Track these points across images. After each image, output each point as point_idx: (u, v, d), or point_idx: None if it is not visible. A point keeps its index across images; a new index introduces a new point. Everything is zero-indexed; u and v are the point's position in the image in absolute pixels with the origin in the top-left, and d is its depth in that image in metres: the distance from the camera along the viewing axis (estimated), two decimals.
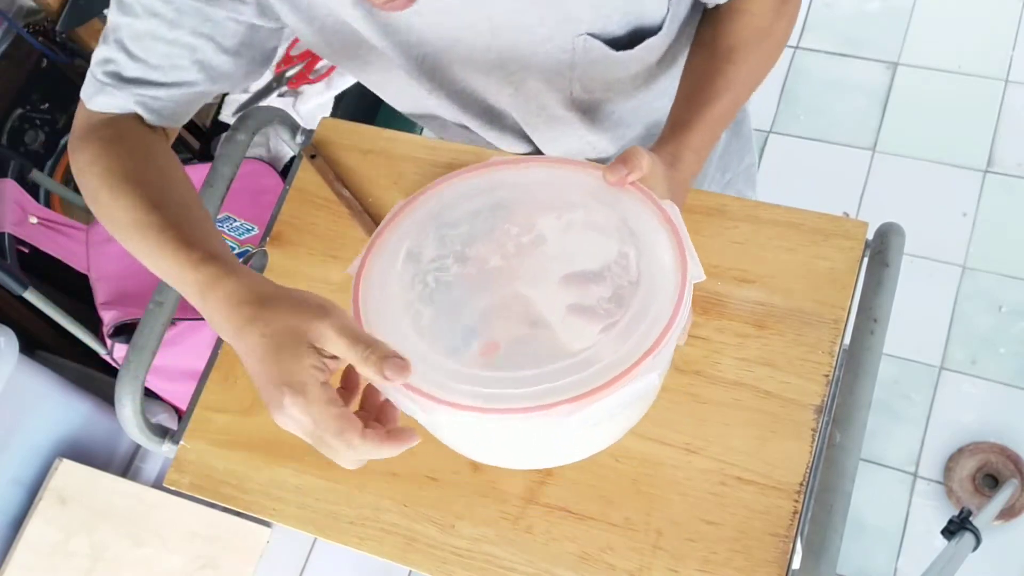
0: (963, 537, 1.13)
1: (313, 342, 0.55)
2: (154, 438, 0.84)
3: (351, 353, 0.54)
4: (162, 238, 0.65)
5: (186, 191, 0.72)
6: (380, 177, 0.92)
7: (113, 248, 1.63)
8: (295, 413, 0.54)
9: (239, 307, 0.58)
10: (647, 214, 0.63)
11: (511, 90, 0.82)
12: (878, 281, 0.76)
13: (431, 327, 0.60)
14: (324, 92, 1.64)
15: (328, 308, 0.56)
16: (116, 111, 0.76)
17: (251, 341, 0.56)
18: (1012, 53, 2.13)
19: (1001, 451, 1.73)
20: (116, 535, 1.65)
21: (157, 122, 0.77)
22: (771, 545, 0.70)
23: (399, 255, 0.64)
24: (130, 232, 0.68)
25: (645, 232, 0.62)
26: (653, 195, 0.64)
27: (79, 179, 0.75)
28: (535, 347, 0.60)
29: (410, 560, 0.76)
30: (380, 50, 0.77)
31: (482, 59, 0.78)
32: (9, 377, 1.47)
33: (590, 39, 0.74)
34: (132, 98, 0.75)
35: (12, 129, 1.69)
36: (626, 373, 0.55)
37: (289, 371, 0.54)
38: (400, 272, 0.63)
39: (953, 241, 1.95)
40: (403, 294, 0.62)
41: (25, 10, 1.73)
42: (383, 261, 0.64)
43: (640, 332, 0.57)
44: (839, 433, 0.70)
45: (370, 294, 0.62)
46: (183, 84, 0.75)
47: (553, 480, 0.76)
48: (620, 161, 0.64)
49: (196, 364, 1.28)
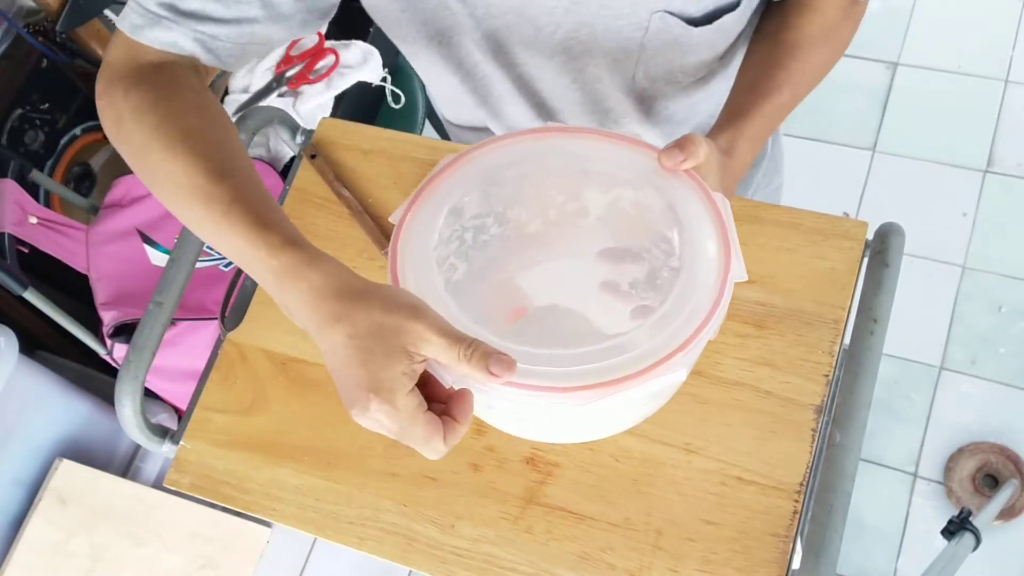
0: (963, 537, 1.13)
1: (407, 346, 0.52)
2: (154, 438, 0.84)
3: (450, 352, 0.52)
4: (232, 213, 0.60)
5: (248, 162, 0.66)
6: (380, 177, 0.92)
7: (113, 248, 1.64)
8: (381, 418, 0.53)
9: (323, 301, 0.55)
10: (697, 203, 0.62)
11: (568, 80, 0.81)
12: (878, 281, 0.76)
13: (462, 283, 0.59)
14: (324, 92, 1.64)
15: (421, 308, 0.54)
16: (170, 49, 0.69)
17: (336, 341, 0.54)
18: (1012, 53, 2.13)
19: (1001, 451, 1.73)
20: (116, 535, 1.65)
21: (214, 64, 0.71)
22: (771, 545, 0.70)
23: (442, 208, 0.63)
24: (188, 199, 0.63)
25: (692, 221, 0.61)
26: (705, 185, 0.63)
27: (118, 125, 0.68)
28: (563, 320, 0.59)
29: (410, 560, 0.76)
30: (455, 21, 0.76)
31: (547, 40, 0.77)
32: (9, 377, 1.47)
33: (667, 16, 0.74)
34: (191, 35, 0.68)
35: (12, 129, 1.69)
36: (657, 365, 0.55)
37: (378, 378, 0.52)
38: (440, 225, 0.62)
39: (953, 241, 1.95)
40: (441, 247, 0.61)
41: (25, 10, 1.73)
42: (426, 212, 0.62)
43: (676, 325, 0.56)
44: (839, 433, 0.70)
45: (408, 244, 0.60)
46: (244, 21, 0.69)
47: (553, 480, 0.76)
48: (676, 146, 0.63)
49: (196, 364, 1.28)
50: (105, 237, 1.65)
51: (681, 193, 0.63)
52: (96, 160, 1.87)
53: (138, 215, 1.67)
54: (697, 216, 0.61)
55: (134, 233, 1.65)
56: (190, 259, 0.87)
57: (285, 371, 0.85)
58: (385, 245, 0.88)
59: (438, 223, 0.62)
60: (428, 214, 0.62)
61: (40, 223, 1.57)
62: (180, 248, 0.88)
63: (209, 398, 0.86)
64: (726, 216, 0.61)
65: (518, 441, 0.78)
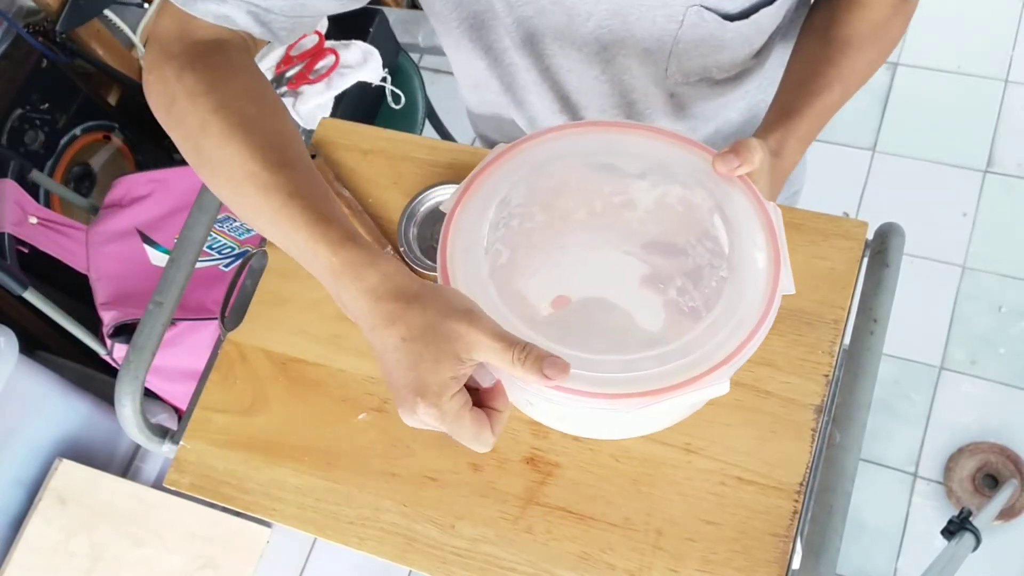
0: (963, 537, 1.13)
1: (460, 352, 0.53)
2: (154, 438, 0.84)
3: (503, 356, 0.53)
4: (291, 205, 0.60)
5: (305, 153, 0.65)
6: (380, 177, 0.92)
7: (113, 248, 1.64)
8: (428, 420, 0.54)
9: (380, 303, 0.55)
10: (748, 211, 0.62)
11: (597, 71, 0.81)
12: (878, 281, 0.76)
13: (506, 269, 0.61)
14: (324, 92, 1.64)
15: (475, 312, 0.54)
16: (223, 23, 0.67)
17: (389, 343, 0.54)
18: (1012, 53, 2.13)
19: (1001, 451, 1.73)
20: (116, 535, 1.65)
21: (267, 38, 0.69)
22: (771, 545, 0.70)
23: (492, 200, 0.63)
24: (243, 188, 0.62)
25: (743, 229, 0.61)
26: (758, 192, 0.63)
27: (168, 106, 0.66)
28: (605, 314, 0.60)
29: (410, 560, 0.76)
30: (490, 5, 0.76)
31: (579, 29, 0.77)
32: (9, 377, 1.47)
33: (703, 10, 0.74)
34: (243, 7, 0.66)
35: (12, 129, 1.68)
36: (703, 376, 0.55)
37: (426, 382, 0.53)
38: (489, 213, 0.63)
39: (953, 241, 1.95)
40: (488, 234, 0.62)
41: (25, 10, 1.73)
42: (475, 203, 0.63)
43: (722, 335, 0.57)
44: (839, 433, 0.70)
45: (459, 234, 0.61)
46: None
47: (553, 480, 0.76)
48: (732, 152, 0.62)
49: (196, 364, 1.28)
50: (105, 237, 1.65)
51: (733, 198, 0.63)
52: (96, 160, 1.87)
53: (138, 215, 1.67)
54: (748, 224, 0.61)
55: (134, 233, 1.65)
56: (190, 259, 0.87)
57: (285, 371, 0.85)
58: (385, 245, 0.88)
59: (488, 215, 0.63)
60: (477, 204, 0.63)
61: (40, 223, 1.57)
62: (180, 248, 0.88)
63: (209, 398, 0.86)
64: (777, 226, 0.61)
65: (518, 441, 0.78)
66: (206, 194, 0.90)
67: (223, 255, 1.62)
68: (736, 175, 0.63)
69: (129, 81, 1.83)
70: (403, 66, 1.77)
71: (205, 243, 0.90)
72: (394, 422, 0.81)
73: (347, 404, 0.82)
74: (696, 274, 0.60)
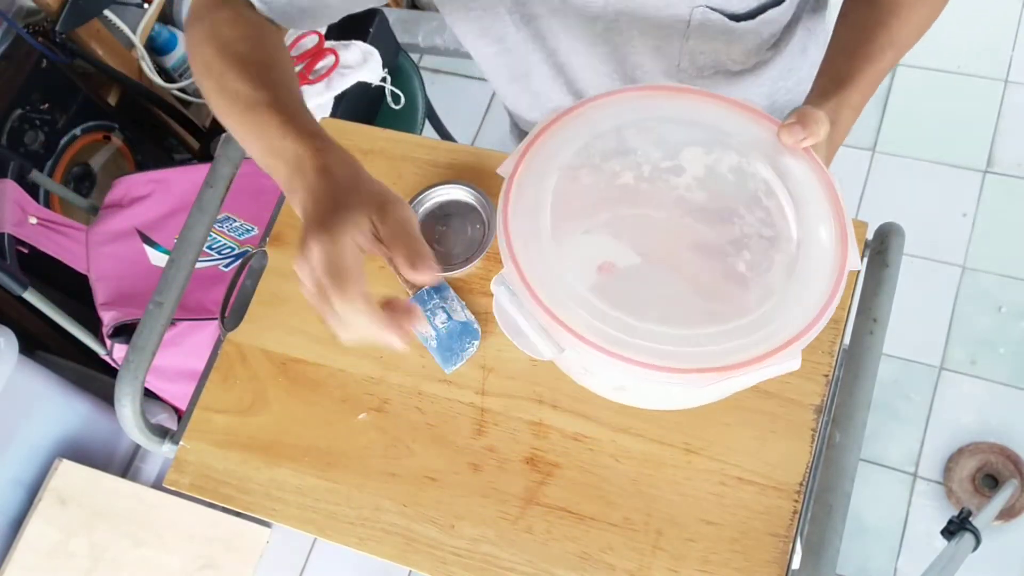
0: (963, 537, 1.13)
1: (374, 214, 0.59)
2: (154, 438, 0.84)
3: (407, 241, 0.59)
4: (270, 112, 0.67)
5: (292, 78, 0.74)
6: (380, 177, 0.92)
7: (113, 248, 1.63)
8: (316, 251, 0.57)
9: (331, 175, 0.62)
10: (814, 183, 0.61)
11: (609, 68, 0.81)
12: (878, 281, 0.76)
13: (551, 232, 0.61)
14: (324, 92, 1.63)
15: None
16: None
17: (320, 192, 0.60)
18: (1012, 53, 2.13)
19: (1001, 451, 1.73)
20: (116, 535, 1.65)
21: (267, 13, 0.77)
22: (771, 545, 0.70)
23: (551, 159, 0.64)
24: (238, 105, 0.70)
25: (809, 201, 0.61)
26: (823, 165, 0.62)
27: (193, 53, 0.76)
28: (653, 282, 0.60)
29: (410, 560, 0.76)
30: None
31: (589, 27, 0.77)
32: (9, 377, 1.47)
33: (708, 11, 0.73)
34: None
35: (12, 129, 1.68)
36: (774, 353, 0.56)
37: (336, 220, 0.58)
38: (551, 179, 0.63)
39: (953, 241, 1.95)
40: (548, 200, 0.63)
41: (25, 10, 1.73)
42: (533, 163, 0.64)
43: (792, 312, 0.57)
44: (839, 433, 0.70)
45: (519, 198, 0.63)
46: None
47: (553, 480, 0.76)
48: (798, 123, 0.62)
49: (196, 364, 1.28)
50: (105, 237, 1.64)
51: (794, 170, 0.62)
52: (96, 160, 1.87)
53: (138, 215, 1.67)
54: (815, 197, 0.61)
55: (134, 233, 1.65)
56: (190, 259, 0.87)
57: (285, 371, 0.85)
58: None
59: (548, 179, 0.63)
60: (533, 166, 0.64)
61: (40, 223, 1.57)
62: (180, 248, 0.88)
63: (209, 398, 0.86)
64: (842, 198, 0.60)
65: (518, 441, 0.78)
66: (206, 194, 0.90)
67: (223, 255, 1.62)
68: (802, 147, 0.62)
69: (129, 81, 1.83)
70: (403, 66, 1.76)
71: (205, 243, 0.90)
72: (394, 422, 0.81)
73: (347, 404, 0.82)
74: (743, 243, 0.60)
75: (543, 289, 0.59)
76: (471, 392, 0.81)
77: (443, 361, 0.82)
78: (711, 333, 0.57)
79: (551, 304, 0.58)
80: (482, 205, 0.87)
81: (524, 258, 0.60)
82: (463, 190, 0.88)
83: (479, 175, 0.89)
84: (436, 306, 0.84)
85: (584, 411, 0.77)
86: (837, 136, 0.70)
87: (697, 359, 0.56)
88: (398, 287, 0.86)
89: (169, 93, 1.95)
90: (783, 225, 0.60)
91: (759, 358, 0.56)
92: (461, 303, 0.84)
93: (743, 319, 0.57)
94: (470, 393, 0.81)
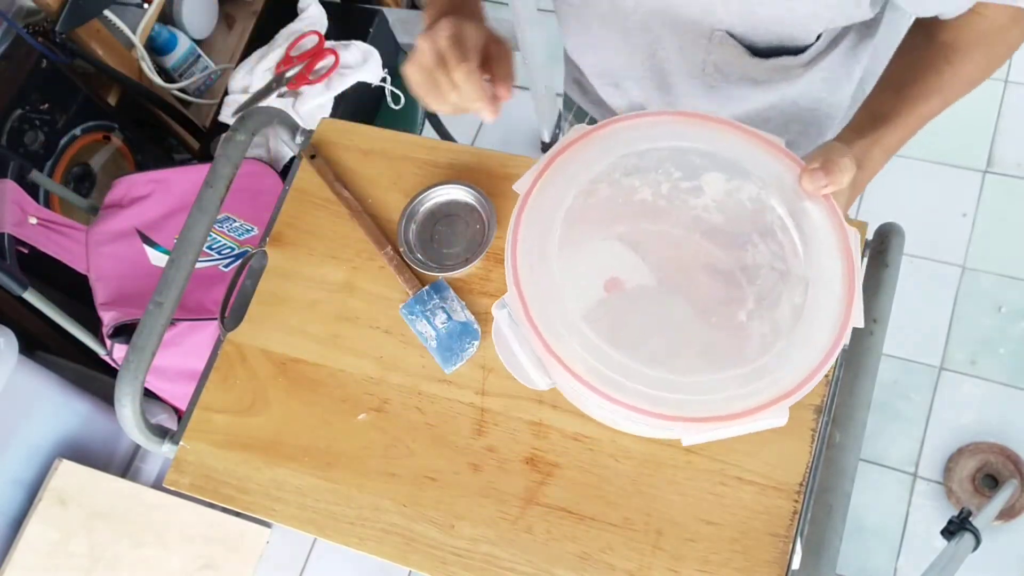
0: (963, 537, 1.13)
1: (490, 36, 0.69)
2: (154, 438, 0.84)
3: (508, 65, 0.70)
4: None
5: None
6: (380, 177, 0.92)
7: (113, 248, 1.63)
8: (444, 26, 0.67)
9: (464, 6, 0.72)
10: (828, 233, 0.61)
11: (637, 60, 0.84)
12: (878, 281, 0.76)
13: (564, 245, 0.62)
14: (324, 93, 1.63)
15: None
16: None
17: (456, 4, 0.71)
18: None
19: (1001, 451, 1.73)
20: (116, 535, 1.65)
21: None
22: (771, 545, 0.70)
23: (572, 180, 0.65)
24: None
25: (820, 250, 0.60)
26: (840, 213, 0.62)
27: None
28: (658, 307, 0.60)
29: (410, 560, 0.76)
30: None
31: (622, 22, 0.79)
32: (9, 377, 1.47)
33: (727, 36, 0.73)
34: None
35: (12, 129, 1.68)
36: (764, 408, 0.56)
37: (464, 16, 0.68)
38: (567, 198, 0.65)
39: (953, 241, 1.95)
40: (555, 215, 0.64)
41: (25, 10, 1.73)
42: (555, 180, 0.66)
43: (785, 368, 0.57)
44: (839, 433, 0.70)
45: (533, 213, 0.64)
46: None
47: (553, 480, 0.76)
48: (822, 170, 0.61)
49: (196, 364, 1.28)
50: (105, 237, 1.64)
51: (812, 215, 0.61)
52: (96, 160, 1.87)
53: (138, 215, 1.67)
54: (826, 247, 0.60)
55: (134, 233, 1.65)
56: (190, 259, 0.87)
57: (285, 371, 0.85)
58: (384, 245, 0.88)
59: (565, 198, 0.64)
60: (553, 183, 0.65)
61: (40, 223, 1.57)
62: (180, 248, 0.88)
63: (209, 398, 0.86)
64: (855, 253, 0.60)
65: (518, 441, 0.78)
66: (206, 194, 0.90)
67: (223, 255, 1.62)
68: (822, 195, 0.62)
69: (129, 81, 1.82)
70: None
71: (205, 243, 0.90)
72: (394, 422, 0.81)
73: (347, 404, 0.82)
74: (754, 272, 0.60)
75: (542, 318, 0.59)
76: (471, 392, 0.81)
77: (443, 361, 0.82)
78: (705, 381, 0.57)
79: (549, 337, 0.58)
80: (482, 205, 0.87)
81: (528, 282, 0.60)
82: (463, 190, 0.88)
83: (479, 175, 0.89)
84: (436, 306, 0.84)
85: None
86: (863, 178, 0.69)
87: (687, 407, 0.56)
88: (398, 287, 0.86)
89: (169, 93, 1.95)
90: (795, 263, 0.60)
91: (748, 412, 0.56)
92: (461, 303, 0.84)
93: (740, 369, 0.57)
94: (470, 393, 0.81)
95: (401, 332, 0.84)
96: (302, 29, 1.68)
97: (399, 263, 0.87)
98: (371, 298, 0.87)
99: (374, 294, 0.87)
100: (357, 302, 0.87)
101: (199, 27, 2.01)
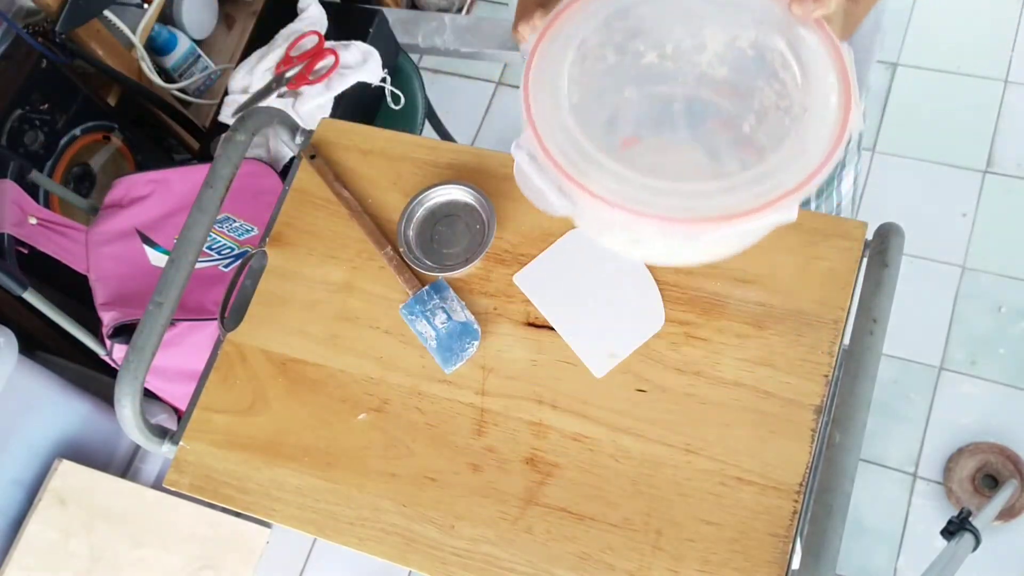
0: (963, 537, 1.13)
1: None
2: (154, 439, 0.84)
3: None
4: None
5: None
6: (379, 177, 0.92)
7: (113, 249, 1.63)
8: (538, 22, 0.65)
9: None
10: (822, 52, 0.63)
11: None
12: (877, 281, 0.76)
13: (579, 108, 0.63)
14: (324, 93, 1.63)
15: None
16: None
17: None
18: (1012, 53, 2.13)
19: (1001, 451, 1.73)
20: (115, 535, 1.65)
21: None
22: (771, 545, 0.70)
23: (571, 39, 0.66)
24: None
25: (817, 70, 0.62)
26: (832, 35, 0.64)
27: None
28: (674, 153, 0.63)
29: (410, 560, 0.76)
30: None
31: None
32: (9, 377, 1.47)
33: None
34: None
35: (12, 129, 1.68)
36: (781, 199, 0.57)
37: None
38: (568, 54, 0.65)
39: (953, 241, 1.95)
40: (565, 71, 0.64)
41: (25, 10, 1.73)
42: (554, 44, 0.66)
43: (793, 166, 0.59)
44: (839, 433, 0.70)
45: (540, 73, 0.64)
46: None
47: (553, 480, 0.76)
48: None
49: (196, 365, 1.28)
50: (105, 238, 1.64)
51: (806, 41, 0.63)
52: (96, 160, 1.87)
53: (138, 216, 1.67)
54: (822, 66, 0.62)
55: (134, 234, 1.65)
56: (190, 259, 0.87)
57: (285, 371, 0.85)
58: (384, 245, 0.88)
59: (566, 55, 0.65)
60: (556, 45, 0.66)
61: (40, 224, 1.57)
62: (180, 248, 0.88)
63: (209, 398, 0.86)
64: (850, 66, 0.62)
65: (518, 441, 0.78)
66: (206, 194, 0.90)
67: (223, 255, 1.62)
68: (812, 18, 0.64)
69: (129, 81, 1.82)
70: (403, 66, 1.76)
71: (205, 243, 0.90)
72: (394, 422, 0.81)
73: (347, 404, 0.82)
74: (763, 114, 0.62)
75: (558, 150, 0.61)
76: (471, 392, 0.81)
77: (443, 361, 0.82)
78: (713, 188, 0.59)
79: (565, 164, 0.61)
80: (482, 205, 0.87)
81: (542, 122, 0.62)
82: (463, 190, 0.88)
83: (479, 175, 0.89)
84: (436, 306, 0.84)
85: (584, 411, 0.77)
86: (858, 11, 0.70)
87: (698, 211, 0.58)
88: (398, 287, 0.86)
89: (169, 93, 1.95)
90: (796, 94, 0.62)
91: (758, 208, 0.58)
92: (461, 303, 0.84)
93: (746, 173, 0.59)
94: (470, 393, 0.81)
95: (401, 332, 0.84)
96: (302, 29, 1.68)
97: (399, 263, 0.87)
98: (371, 298, 0.87)
99: (374, 294, 0.87)
100: (357, 302, 0.87)
101: (199, 27, 2.01)
